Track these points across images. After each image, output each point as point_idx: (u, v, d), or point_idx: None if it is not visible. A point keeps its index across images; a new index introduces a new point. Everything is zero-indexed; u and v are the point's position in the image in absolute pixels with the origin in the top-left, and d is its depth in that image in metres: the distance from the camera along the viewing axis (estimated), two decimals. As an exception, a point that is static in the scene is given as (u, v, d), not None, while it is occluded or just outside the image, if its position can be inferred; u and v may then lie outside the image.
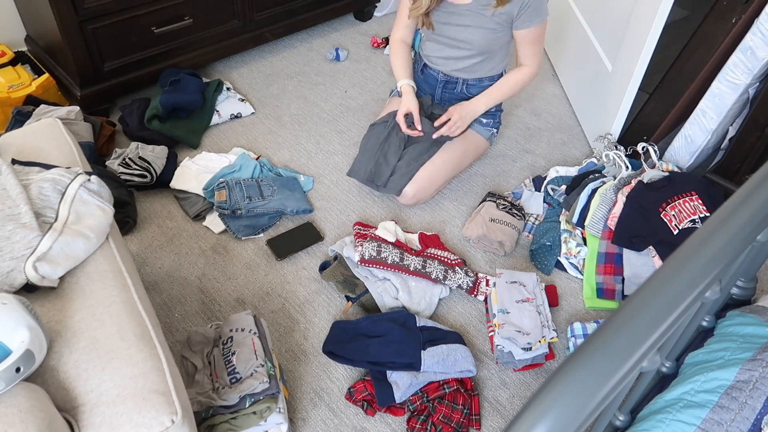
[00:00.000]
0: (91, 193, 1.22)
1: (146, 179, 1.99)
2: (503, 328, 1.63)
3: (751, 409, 1.05)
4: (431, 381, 1.52)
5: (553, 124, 2.47)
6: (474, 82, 2.03)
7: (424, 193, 2.01)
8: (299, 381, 1.57)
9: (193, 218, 1.96)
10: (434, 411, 1.48)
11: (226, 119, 2.36)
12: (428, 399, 1.49)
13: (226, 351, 1.43)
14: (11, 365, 0.89)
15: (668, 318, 0.74)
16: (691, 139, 2.03)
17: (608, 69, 2.18)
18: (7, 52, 2.22)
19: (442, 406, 1.48)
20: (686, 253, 0.81)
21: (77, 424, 0.94)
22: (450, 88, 2.07)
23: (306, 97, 2.51)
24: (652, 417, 1.12)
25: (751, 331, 1.23)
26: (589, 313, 1.78)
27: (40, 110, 2.01)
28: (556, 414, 0.64)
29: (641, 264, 1.80)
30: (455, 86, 2.06)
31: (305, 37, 2.87)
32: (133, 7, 2.11)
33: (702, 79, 2.02)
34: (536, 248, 1.91)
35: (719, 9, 2.05)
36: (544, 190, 2.10)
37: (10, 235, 1.10)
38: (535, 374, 1.62)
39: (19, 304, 0.96)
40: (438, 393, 1.50)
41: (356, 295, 1.73)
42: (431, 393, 1.50)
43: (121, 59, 2.20)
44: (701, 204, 1.80)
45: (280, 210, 1.95)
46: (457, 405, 1.49)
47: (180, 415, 0.97)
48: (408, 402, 1.50)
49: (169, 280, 1.79)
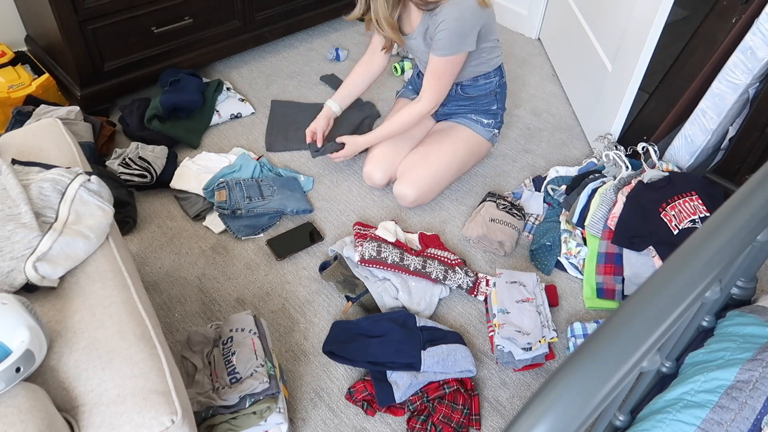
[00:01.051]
0: (91, 193, 1.22)
1: (146, 179, 1.99)
2: (503, 328, 1.63)
3: (751, 409, 1.05)
4: (431, 381, 1.52)
5: (553, 124, 2.47)
6: (469, 82, 2.02)
7: (425, 197, 2.01)
8: (299, 381, 1.57)
9: (193, 218, 1.96)
10: (434, 411, 1.48)
11: (226, 119, 2.36)
12: (428, 399, 1.49)
13: (226, 351, 1.43)
14: (11, 365, 0.89)
15: (668, 318, 0.74)
16: (691, 139, 2.03)
17: (608, 69, 2.18)
18: (7, 52, 2.22)
19: (442, 406, 1.48)
20: (686, 253, 0.81)
21: (77, 424, 0.94)
22: None
23: (306, 97, 2.51)
24: (652, 417, 1.12)
25: (751, 331, 1.23)
26: (589, 313, 1.78)
27: (40, 110, 2.01)
28: (556, 414, 0.64)
29: (641, 264, 1.80)
30: (450, 89, 2.05)
31: (305, 37, 2.87)
32: (133, 7, 2.11)
33: (702, 79, 2.02)
34: (536, 248, 1.91)
35: (719, 9, 2.05)
36: (544, 190, 2.10)
37: (10, 235, 1.10)
38: (535, 374, 1.62)
39: (19, 304, 0.96)
40: (438, 393, 1.50)
41: (356, 295, 1.73)
42: (431, 393, 1.50)
43: (121, 59, 2.20)
44: (701, 204, 1.80)
45: (280, 210, 1.95)
46: (457, 405, 1.49)
47: (180, 415, 0.97)
48: (408, 402, 1.50)
49: (169, 280, 1.79)
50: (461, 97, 2.07)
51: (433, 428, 1.46)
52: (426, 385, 1.51)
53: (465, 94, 2.06)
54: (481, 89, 2.04)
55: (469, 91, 2.05)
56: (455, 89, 2.05)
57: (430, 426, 1.46)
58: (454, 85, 2.03)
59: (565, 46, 2.64)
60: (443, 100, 2.09)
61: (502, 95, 2.10)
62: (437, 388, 1.51)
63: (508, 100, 2.53)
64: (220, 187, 1.96)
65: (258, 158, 2.17)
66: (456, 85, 2.03)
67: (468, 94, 2.05)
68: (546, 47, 2.89)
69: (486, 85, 2.04)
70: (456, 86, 2.04)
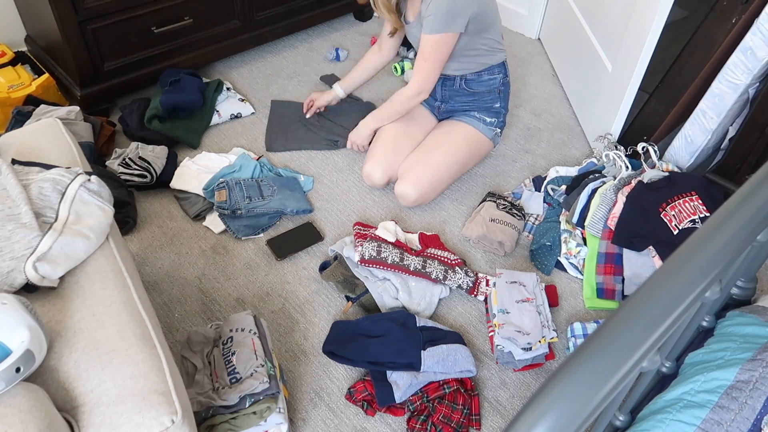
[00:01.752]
0: (91, 193, 1.22)
1: (146, 179, 1.99)
2: (503, 328, 1.63)
3: (751, 409, 1.05)
4: (431, 381, 1.52)
5: (553, 124, 2.47)
6: (473, 77, 2.03)
7: (426, 197, 2.01)
8: (299, 381, 1.57)
9: (193, 218, 1.96)
10: (434, 411, 1.48)
11: (226, 119, 2.36)
12: (428, 399, 1.49)
13: (226, 351, 1.43)
14: (11, 365, 0.89)
15: (668, 318, 0.74)
16: (691, 139, 2.03)
17: (608, 69, 2.18)
18: (7, 52, 2.22)
19: (442, 406, 1.48)
20: (686, 253, 0.81)
21: (77, 424, 0.94)
22: (449, 85, 2.07)
23: (306, 97, 2.51)
24: (652, 417, 1.12)
25: (751, 331, 1.23)
26: (589, 313, 1.78)
27: (40, 110, 2.01)
28: (556, 414, 0.64)
29: (641, 264, 1.80)
30: (453, 83, 2.06)
31: (305, 37, 2.87)
32: (133, 7, 2.11)
33: (702, 79, 2.02)
34: (536, 248, 1.91)
35: (719, 9, 2.05)
36: (544, 190, 2.10)
37: (10, 235, 1.10)
38: (535, 374, 1.62)
39: (19, 304, 0.96)
40: (438, 393, 1.50)
41: (356, 295, 1.73)
42: (431, 393, 1.50)
43: (121, 59, 2.20)
44: (701, 204, 1.80)
45: (280, 210, 1.95)
46: (456, 405, 1.49)
47: (180, 415, 0.97)
48: (408, 402, 1.50)
49: (169, 280, 1.79)
50: (465, 92, 2.07)
51: (433, 428, 1.46)
52: (426, 385, 1.51)
53: (469, 89, 2.06)
54: (484, 85, 2.04)
55: (473, 86, 2.05)
56: (459, 83, 2.05)
57: (430, 426, 1.46)
58: (459, 78, 2.04)
59: (565, 46, 2.64)
60: (446, 97, 2.10)
61: (506, 94, 2.10)
62: (437, 388, 1.51)
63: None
64: (220, 187, 1.96)
65: (258, 158, 2.17)
66: (460, 78, 2.04)
67: (471, 89, 2.05)
68: (546, 47, 2.89)
69: (490, 81, 2.04)
70: (460, 80, 2.04)
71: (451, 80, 2.05)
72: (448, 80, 2.06)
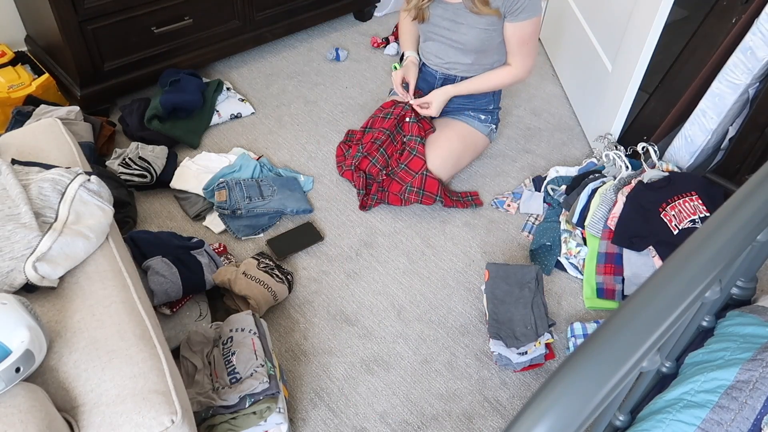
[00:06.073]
0: (91, 193, 1.22)
1: (146, 179, 1.99)
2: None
3: (751, 409, 1.05)
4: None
5: (553, 124, 2.47)
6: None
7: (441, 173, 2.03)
8: (299, 381, 1.57)
9: (193, 218, 1.96)
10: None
11: (226, 119, 2.36)
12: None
13: (226, 351, 1.43)
14: (11, 365, 0.89)
15: (668, 318, 0.74)
16: (691, 139, 2.03)
17: (608, 69, 2.18)
18: (7, 52, 2.22)
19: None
20: (686, 253, 0.81)
21: (77, 424, 0.94)
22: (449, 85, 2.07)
23: (306, 97, 2.51)
24: (652, 417, 1.12)
25: (751, 331, 1.23)
26: (589, 313, 1.78)
27: (40, 110, 2.01)
28: (556, 414, 0.64)
29: (641, 264, 1.80)
30: (454, 83, 2.06)
31: (305, 37, 2.87)
32: (133, 7, 2.11)
33: (702, 79, 2.02)
34: (536, 248, 1.91)
35: (719, 9, 2.05)
36: (544, 190, 2.10)
37: (9, 235, 1.10)
38: (535, 374, 1.62)
39: (19, 304, 0.96)
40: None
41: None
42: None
43: (121, 59, 2.20)
44: (701, 204, 1.80)
45: (280, 210, 1.95)
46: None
47: (180, 415, 0.97)
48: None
49: (169, 280, 1.79)
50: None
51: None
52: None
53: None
54: None
55: None
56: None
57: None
58: (460, 79, 2.04)
59: (565, 46, 2.64)
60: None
61: (498, 95, 2.13)
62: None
63: (507, 99, 2.54)
64: (220, 187, 1.96)
65: (258, 158, 2.17)
66: (461, 80, 2.04)
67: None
68: (546, 47, 2.89)
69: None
70: (461, 81, 2.04)
71: (451, 81, 2.05)
72: (448, 81, 2.06)
